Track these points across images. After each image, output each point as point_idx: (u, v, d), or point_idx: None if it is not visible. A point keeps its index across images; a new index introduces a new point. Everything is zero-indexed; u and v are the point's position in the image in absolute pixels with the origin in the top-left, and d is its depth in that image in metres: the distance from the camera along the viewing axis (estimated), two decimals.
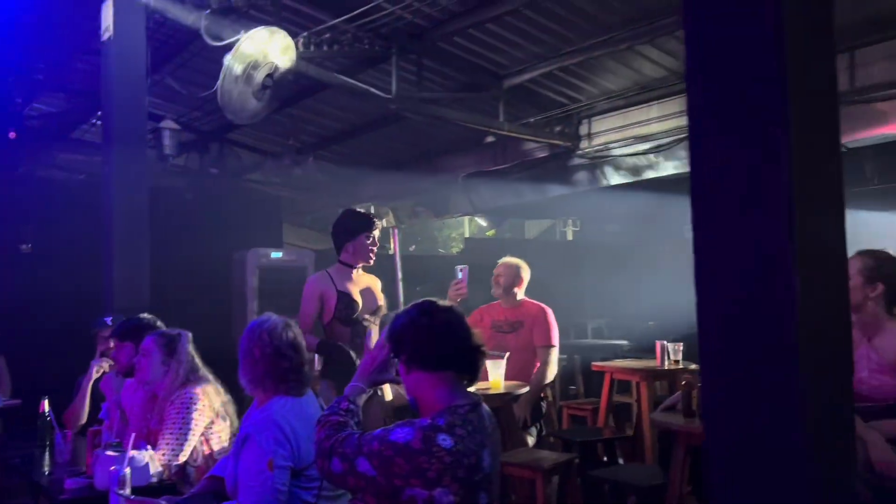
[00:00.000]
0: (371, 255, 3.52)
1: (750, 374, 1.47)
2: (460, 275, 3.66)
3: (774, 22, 1.43)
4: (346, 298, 3.43)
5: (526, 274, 4.18)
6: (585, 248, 9.93)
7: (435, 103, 5.47)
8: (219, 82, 4.34)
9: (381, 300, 3.59)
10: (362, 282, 3.54)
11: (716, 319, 1.52)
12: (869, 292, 2.71)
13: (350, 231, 3.52)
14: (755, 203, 1.45)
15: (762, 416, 1.45)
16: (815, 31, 1.55)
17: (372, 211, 8.85)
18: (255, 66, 4.17)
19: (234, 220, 7.03)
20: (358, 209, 3.66)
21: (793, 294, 1.41)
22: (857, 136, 4.98)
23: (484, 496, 1.77)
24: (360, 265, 3.53)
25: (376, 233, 3.54)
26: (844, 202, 1.54)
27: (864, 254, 2.75)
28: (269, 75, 4.26)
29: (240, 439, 2.24)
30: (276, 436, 2.14)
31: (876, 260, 2.71)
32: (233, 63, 4.21)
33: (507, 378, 3.70)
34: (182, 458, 2.74)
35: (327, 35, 4.66)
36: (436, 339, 1.83)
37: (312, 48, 4.58)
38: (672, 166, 5.72)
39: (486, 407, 1.88)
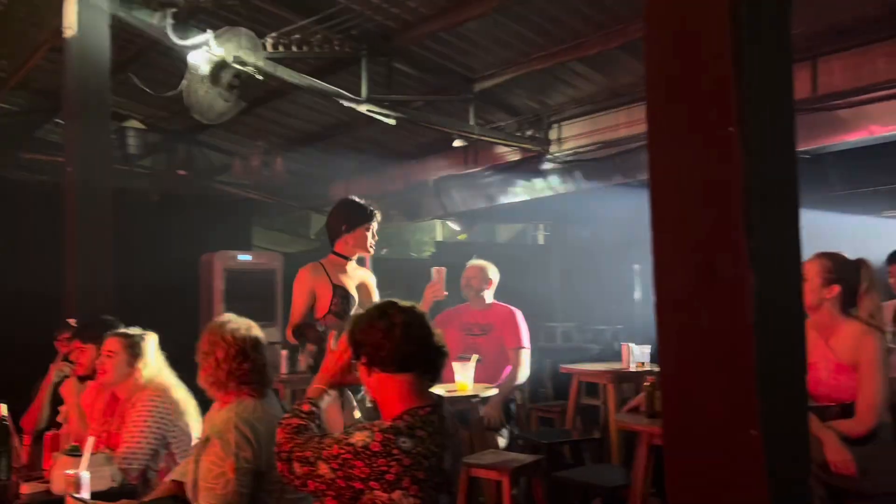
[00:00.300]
0: (371, 247, 3.37)
1: (706, 372, 1.48)
2: (436, 276, 3.59)
3: (731, 30, 1.45)
4: (341, 292, 3.25)
5: (495, 276, 4.20)
6: (556, 252, 10.00)
7: (405, 106, 5.46)
8: (185, 82, 4.29)
9: (376, 296, 3.46)
10: (357, 276, 3.40)
11: (673, 319, 1.54)
12: (826, 294, 2.77)
13: (350, 221, 3.34)
14: (710, 204, 1.47)
15: (718, 414, 1.47)
16: (771, 39, 1.58)
17: None
18: (222, 66, 4.13)
19: (202, 223, 6.96)
20: (356, 198, 3.47)
21: (748, 294, 1.43)
22: (821, 143, 5.07)
23: (444, 498, 1.77)
24: (356, 257, 3.38)
25: (376, 224, 3.38)
26: (799, 204, 1.57)
27: (821, 256, 2.80)
28: (237, 75, 4.22)
29: (201, 442, 2.21)
30: (237, 438, 2.12)
31: (833, 262, 2.76)
32: (199, 63, 4.16)
33: (481, 380, 3.71)
34: (143, 462, 2.70)
35: (296, 36, 4.62)
36: (395, 341, 1.82)
37: (281, 49, 4.55)
38: (640, 171, 5.79)
39: (447, 408, 1.88)
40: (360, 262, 5.49)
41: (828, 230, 4.91)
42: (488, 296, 4.19)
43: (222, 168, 7.36)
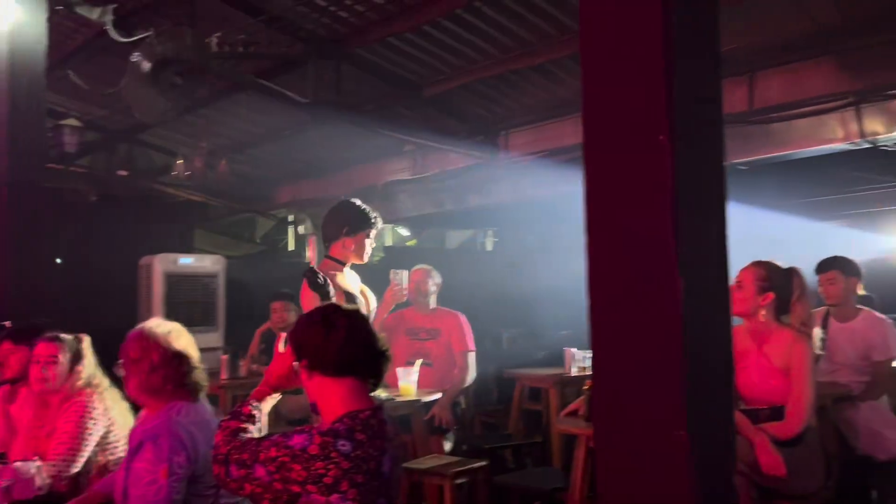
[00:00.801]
0: (367, 256, 3.25)
1: (636, 374, 1.52)
2: (395, 278, 3.54)
3: (663, 43, 1.50)
4: (352, 299, 3.12)
5: (439, 280, 4.22)
6: (504, 259, 10.07)
7: (353, 110, 5.44)
8: (125, 79, 4.19)
9: (374, 303, 3.35)
10: (356, 282, 3.27)
11: (605, 322, 1.57)
12: (760, 301, 2.86)
13: (352, 225, 3.20)
14: (642, 210, 1.51)
15: (647, 416, 1.50)
16: (702, 54, 1.63)
17: (290, 219, 8.73)
18: (163, 63, 4.05)
19: (142, 224, 6.80)
20: (359, 202, 3.34)
21: (677, 297, 1.47)
22: (757, 155, 5.24)
23: (383, 501, 1.76)
24: (350, 264, 3.25)
25: (375, 232, 3.28)
26: (726, 211, 1.63)
27: (756, 265, 2.90)
28: (179, 74, 4.14)
29: (132, 448, 2.16)
30: (172, 443, 2.08)
31: (767, 271, 2.86)
32: (140, 60, 4.07)
33: (432, 384, 3.72)
34: (75, 468, 2.62)
35: (242, 36, 4.57)
36: (337, 344, 1.81)
37: (227, 48, 4.48)
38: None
39: (387, 412, 1.87)
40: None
41: (766, 234, 5.09)
42: (433, 300, 4.21)
43: (164, 168, 7.20)
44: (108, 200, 6.88)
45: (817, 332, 2.87)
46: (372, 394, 1.88)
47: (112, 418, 2.76)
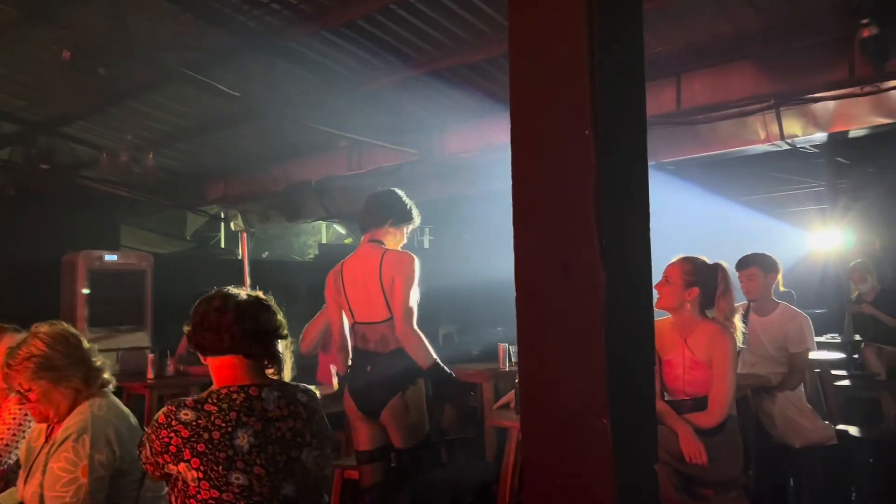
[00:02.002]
0: (402, 245, 3.27)
1: (561, 364, 1.54)
2: None
3: (587, 38, 1.52)
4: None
5: None
6: (440, 256, 10.11)
7: (286, 104, 5.36)
8: (46, 68, 4.02)
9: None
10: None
11: (530, 314, 1.59)
12: (686, 296, 2.94)
13: (396, 216, 3.20)
14: (567, 203, 1.54)
15: (571, 405, 1.53)
16: (626, 49, 1.67)
17: (222, 215, 8.54)
18: (86, 52, 3.90)
19: (65, 221, 6.54)
20: (401, 193, 3.32)
21: (599, 290, 1.50)
22: (684, 155, 5.40)
23: (239, 477, 1.74)
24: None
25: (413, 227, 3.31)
26: (649, 206, 1.67)
27: (683, 260, 2.98)
28: (104, 64, 4.00)
29: (46, 449, 2.08)
30: (93, 439, 2.02)
31: (693, 266, 2.94)
32: (62, 47, 3.91)
33: None
34: (8, 464, 2.55)
35: (171, 25, 4.44)
36: (205, 326, 1.86)
37: (155, 37, 4.35)
38: None
39: (275, 394, 1.87)
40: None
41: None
42: None
43: (89, 163, 6.94)
44: (29, 195, 6.59)
45: (739, 326, 2.97)
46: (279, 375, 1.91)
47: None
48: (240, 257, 8.04)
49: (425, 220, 11.83)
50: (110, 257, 6.27)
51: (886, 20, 3.92)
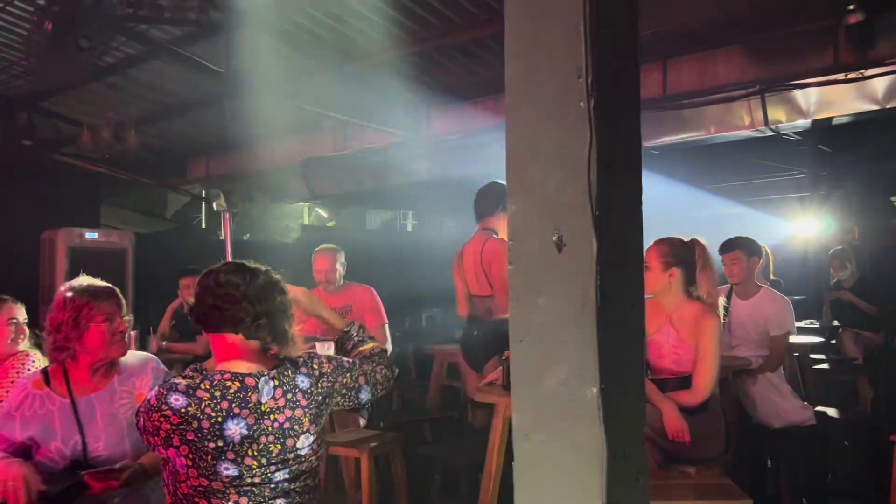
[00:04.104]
0: None
1: (553, 335, 1.55)
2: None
3: (584, 12, 1.53)
4: None
5: (344, 259, 4.18)
6: (424, 239, 10.10)
7: (271, 82, 5.28)
8: (26, 41, 3.94)
9: None
10: None
11: (524, 285, 1.60)
12: (668, 278, 2.96)
13: (506, 203, 3.34)
14: (561, 174, 1.54)
15: (562, 375, 1.54)
16: (621, 25, 1.67)
17: (202, 194, 8.46)
18: (68, 24, 3.82)
19: (45, 197, 6.45)
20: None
21: (592, 260, 1.51)
22: (669, 139, 5.42)
23: (228, 468, 1.71)
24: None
25: None
26: (641, 179, 1.68)
27: (659, 242, 2.99)
28: (85, 36, 3.92)
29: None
30: None
31: (670, 246, 2.96)
32: (42, 20, 3.83)
33: None
34: None
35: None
36: (209, 301, 1.81)
37: (138, 11, 4.26)
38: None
39: (272, 384, 1.79)
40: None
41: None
42: (341, 278, 4.17)
43: (69, 139, 6.82)
44: (8, 171, 6.49)
45: (721, 302, 3.01)
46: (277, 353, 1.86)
47: None
48: (222, 238, 7.98)
49: (409, 203, 11.83)
50: (90, 235, 6.19)
51: (872, 7, 3.95)
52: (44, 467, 2.11)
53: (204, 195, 8.33)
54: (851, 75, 4.42)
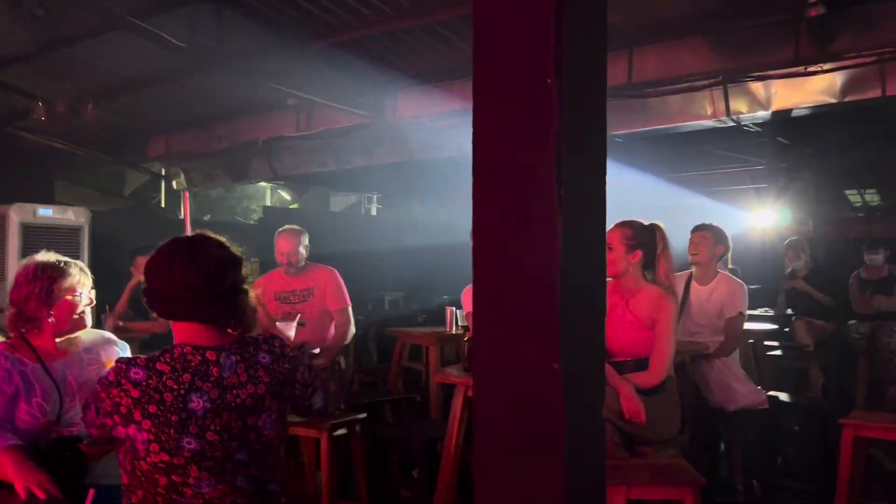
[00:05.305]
0: None
1: (515, 312, 1.55)
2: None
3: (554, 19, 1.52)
4: None
5: (307, 241, 4.14)
6: (388, 223, 10.07)
7: (235, 58, 5.19)
8: None
9: None
10: None
11: (487, 261, 1.60)
12: (631, 259, 3.00)
13: None
14: (527, 151, 1.54)
15: (524, 352, 1.55)
16: (588, 7, 1.67)
17: (162, 172, 8.29)
18: None
19: None
20: None
21: (556, 237, 1.51)
22: (634, 128, 5.47)
23: (190, 442, 1.68)
24: None
25: None
26: (606, 158, 1.69)
27: (622, 225, 3.03)
28: (41, 4, 3.80)
29: None
30: None
31: (634, 229, 3.00)
32: None
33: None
34: None
35: None
36: (163, 292, 1.77)
37: None
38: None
39: (233, 358, 1.76)
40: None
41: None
42: (303, 260, 4.12)
43: (23, 112, 6.61)
44: None
45: (679, 285, 3.06)
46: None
47: None
48: (181, 217, 7.84)
49: (373, 187, 11.77)
50: (45, 211, 6.02)
51: (834, 2, 4.03)
52: (24, 425, 2.15)
53: (164, 173, 8.17)
54: (811, 68, 4.51)
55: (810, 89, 4.56)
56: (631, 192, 6.57)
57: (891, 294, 6.21)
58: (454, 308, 4.40)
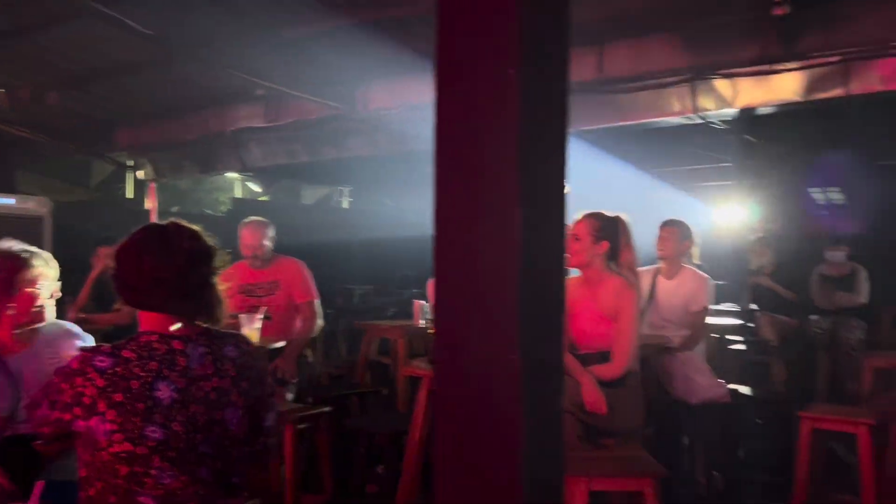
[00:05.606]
0: None
1: (475, 303, 1.55)
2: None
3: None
4: None
5: (273, 232, 4.10)
6: (359, 217, 10.03)
7: (204, 47, 5.12)
8: None
9: None
10: None
11: (448, 254, 1.59)
12: (597, 251, 3.02)
13: None
14: (488, 141, 1.54)
15: (483, 343, 1.55)
16: (553, 8, 1.67)
17: (130, 164, 8.16)
18: None
19: None
20: None
21: (516, 229, 1.51)
22: (604, 124, 5.50)
23: (155, 431, 1.65)
24: None
25: None
26: (567, 150, 1.70)
27: (590, 216, 3.05)
28: None
29: None
30: None
31: (600, 221, 3.02)
32: None
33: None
34: None
35: None
36: (131, 283, 1.75)
37: None
38: None
39: (201, 349, 1.74)
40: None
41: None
42: (269, 252, 4.08)
43: None
44: None
45: (643, 279, 3.09)
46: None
47: None
48: (147, 208, 7.73)
49: (345, 179, 11.69)
50: (6, 201, 5.90)
51: (800, 1, 4.08)
52: None
53: (130, 164, 8.04)
54: (777, 67, 4.57)
55: (776, 88, 4.63)
56: (603, 185, 6.64)
57: (851, 290, 6.35)
58: (423, 301, 4.40)
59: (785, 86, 4.62)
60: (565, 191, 3.64)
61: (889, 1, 4.08)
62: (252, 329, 3.44)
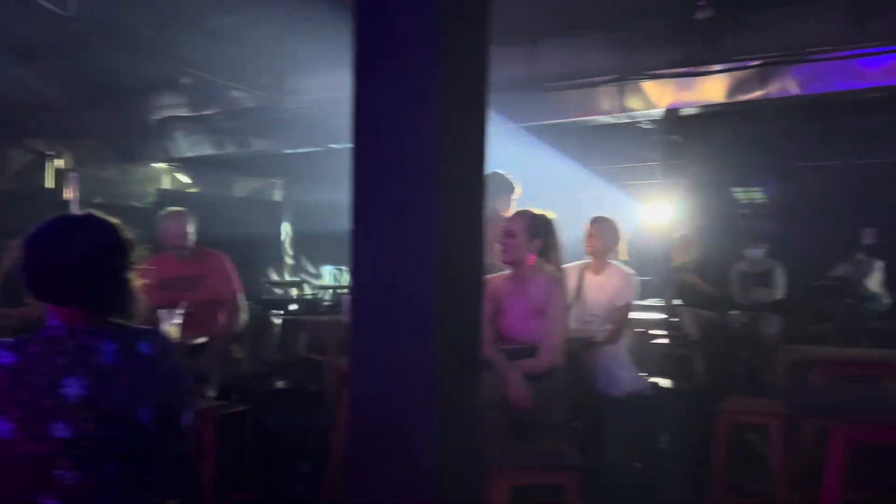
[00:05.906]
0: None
1: (392, 298, 1.54)
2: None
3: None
4: None
5: (194, 224, 3.98)
6: (290, 210, 9.88)
7: (126, 31, 4.93)
8: None
9: None
10: None
11: (365, 251, 1.57)
12: (531, 247, 3.05)
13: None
14: (407, 137, 1.52)
15: (400, 338, 1.54)
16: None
17: (47, 152, 7.81)
18: None
19: None
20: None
21: (436, 224, 1.50)
22: (536, 122, 5.57)
23: (60, 429, 1.57)
24: None
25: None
26: (486, 146, 1.69)
27: (523, 214, 3.08)
28: None
29: None
30: None
31: (533, 218, 3.05)
32: None
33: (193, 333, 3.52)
34: None
35: None
36: (41, 274, 1.68)
37: None
38: None
39: (112, 346, 1.66)
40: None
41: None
42: (192, 243, 3.96)
43: None
44: None
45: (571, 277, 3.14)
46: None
47: None
48: (68, 199, 7.41)
49: (278, 172, 11.43)
50: None
51: (722, 4, 4.22)
52: None
53: (49, 153, 7.69)
54: (700, 69, 4.71)
55: (699, 89, 4.77)
56: (541, 180, 6.71)
57: (769, 286, 6.61)
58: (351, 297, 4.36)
59: (708, 88, 4.78)
60: (516, 192, 3.70)
61: (802, 12, 4.26)
62: (172, 324, 3.33)
